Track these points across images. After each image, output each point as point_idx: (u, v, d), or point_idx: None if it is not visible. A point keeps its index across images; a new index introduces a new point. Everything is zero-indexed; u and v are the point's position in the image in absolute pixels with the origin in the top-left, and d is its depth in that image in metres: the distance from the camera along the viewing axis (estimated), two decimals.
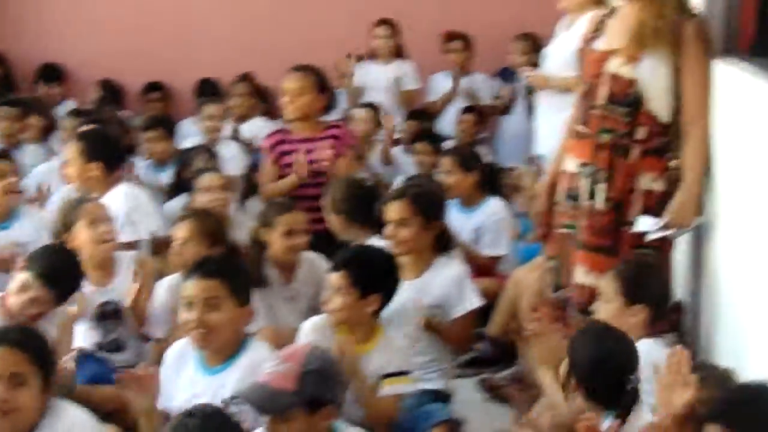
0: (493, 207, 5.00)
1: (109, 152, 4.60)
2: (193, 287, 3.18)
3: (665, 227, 3.54)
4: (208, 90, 6.92)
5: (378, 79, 6.72)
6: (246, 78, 6.74)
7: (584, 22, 5.08)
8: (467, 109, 6.76)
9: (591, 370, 2.77)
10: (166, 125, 5.91)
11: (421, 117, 6.60)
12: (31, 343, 2.75)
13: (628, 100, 3.62)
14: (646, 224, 3.57)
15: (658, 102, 3.61)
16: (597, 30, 3.82)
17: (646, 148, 3.63)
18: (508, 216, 5.04)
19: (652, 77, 3.59)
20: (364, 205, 4.21)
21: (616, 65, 3.65)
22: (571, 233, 3.78)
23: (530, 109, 7.01)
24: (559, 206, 3.85)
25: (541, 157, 5.32)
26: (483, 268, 4.74)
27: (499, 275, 4.82)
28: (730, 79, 3.44)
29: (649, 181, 3.64)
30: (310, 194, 4.65)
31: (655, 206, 3.63)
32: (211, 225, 4.01)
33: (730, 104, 3.44)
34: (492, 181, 5.21)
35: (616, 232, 3.66)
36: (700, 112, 3.57)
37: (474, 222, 4.94)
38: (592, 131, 3.70)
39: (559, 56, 5.20)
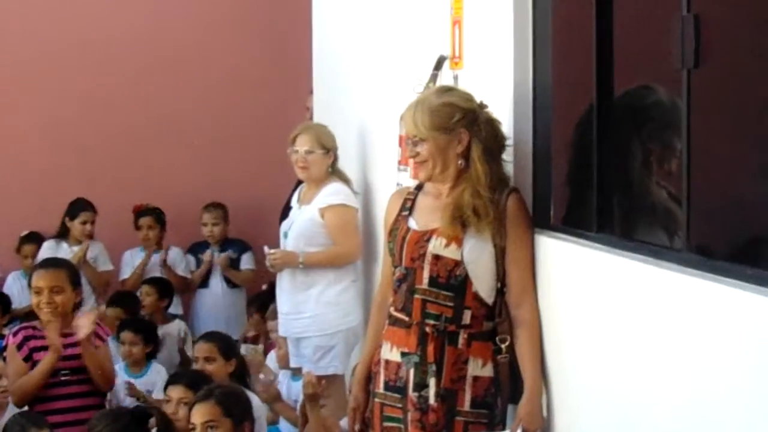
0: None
1: None
2: None
3: None
4: None
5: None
6: None
7: (334, 192, 5.11)
8: (150, 281, 6.51)
9: None
10: None
11: (124, 302, 6.21)
12: None
13: (453, 282, 3.42)
14: None
15: (484, 282, 3.43)
16: (405, 209, 3.61)
17: (472, 333, 3.43)
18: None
19: (477, 257, 3.41)
20: None
21: (437, 246, 3.43)
22: (398, 427, 3.47)
23: (228, 282, 6.93)
24: (379, 398, 3.54)
25: (285, 338, 5.17)
26: None
27: None
28: (550, 253, 3.36)
29: (478, 368, 3.42)
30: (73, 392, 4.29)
31: (483, 394, 3.42)
32: None
33: (553, 279, 3.35)
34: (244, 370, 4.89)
35: (449, 424, 3.40)
36: (527, 292, 3.42)
37: None
38: (416, 318, 3.44)
39: (301, 230, 5.10)
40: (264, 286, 6.57)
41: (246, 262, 7.02)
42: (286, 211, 5.71)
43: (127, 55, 7.21)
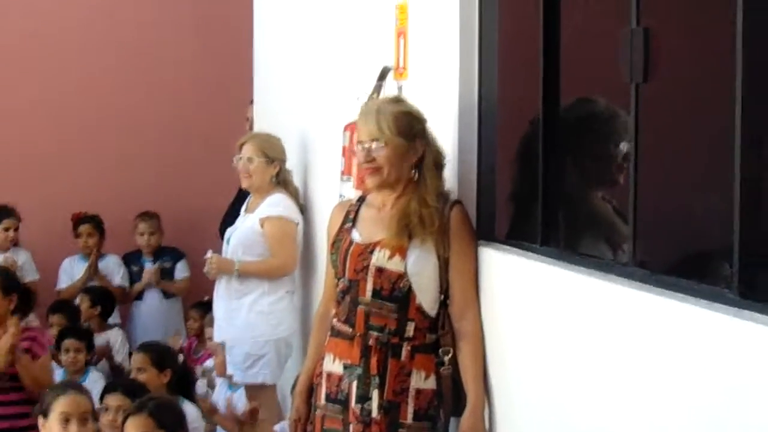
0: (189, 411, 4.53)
1: None
2: None
3: None
4: None
5: None
6: None
7: (275, 203, 5.08)
8: (87, 290, 6.46)
9: None
10: None
11: (65, 310, 6.14)
12: None
13: (397, 294, 3.37)
14: None
15: (427, 295, 3.39)
16: (348, 220, 3.57)
17: (415, 345, 3.39)
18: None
19: (421, 269, 3.37)
20: None
21: (381, 259, 3.38)
22: None
23: (163, 292, 6.86)
24: (320, 410, 3.50)
25: (222, 345, 5.13)
26: None
27: None
28: (494, 265, 3.34)
29: (421, 380, 3.38)
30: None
31: (426, 406, 3.38)
32: None
33: (497, 291, 3.33)
34: (185, 380, 4.82)
35: None
36: (470, 304, 3.39)
37: None
38: (359, 330, 3.40)
39: (241, 238, 5.09)
40: (206, 298, 6.52)
41: (181, 270, 6.95)
42: (227, 217, 5.68)
43: (59, 59, 7.09)
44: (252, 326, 5.04)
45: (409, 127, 3.41)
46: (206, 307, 6.25)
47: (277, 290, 5.09)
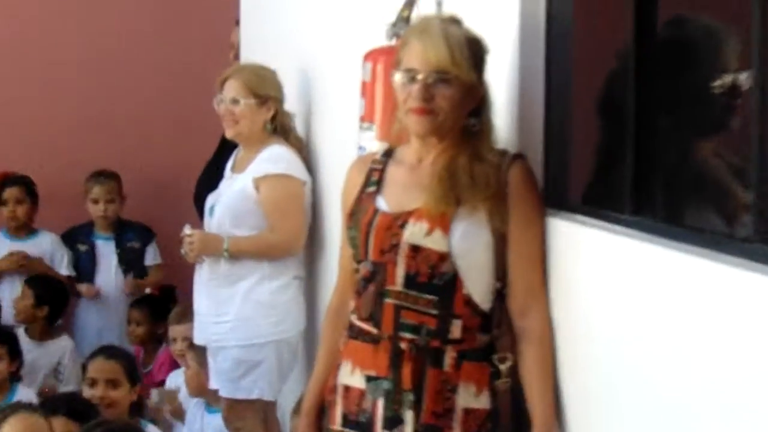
0: None
1: None
2: None
3: None
4: None
5: None
6: None
7: (273, 157, 5.12)
8: (32, 280, 6.62)
9: None
10: None
11: None
12: None
13: (438, 282, 3.42)
14: None
15: (478, 283, 3.45)
16: (370, 183, 3.61)
17: (462, 351, 3.45)
18: None
19: (471, 247, 3.42)
20: None
21: (416, 234, 3.43)
22: None
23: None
24: None
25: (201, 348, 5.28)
26: None
27: None
28: (568, 242, 3.38)
29: (470, 397, 3.44)
30: None
31: (477, 431, 3.45)
32: None
33: (572, 277, 3.37)
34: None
35: None
36: (536, 294, 3.44)
37: None
38: (387, 331, 3.45)
39: (229, 205, 5.16)
40: (148, 290, 6.60)
41: (152, 256, 7.01)
42: (205, 179, 5.71)
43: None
44: (247, 323, 5.09)
45: (479, 59, 3.46)
46: (153, 305, 6.34)
47: (281, 275, 5.14)
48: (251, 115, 5.19)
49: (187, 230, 5.12)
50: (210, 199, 5.28)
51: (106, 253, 7.04)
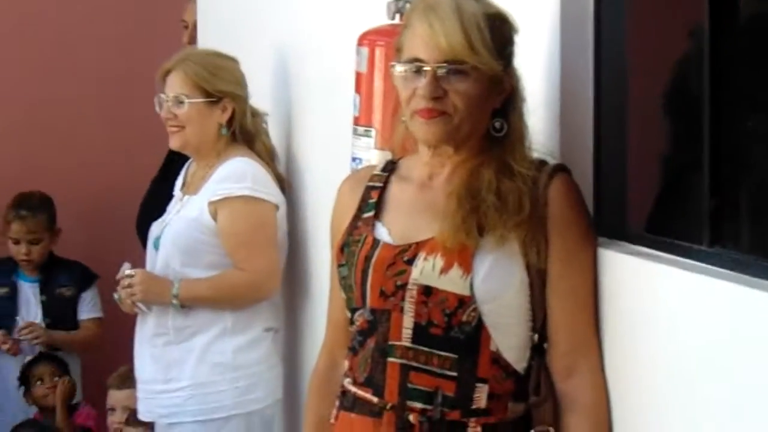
0: None
1: None
2: None
3: None
4: None
5: None
6: None
7: (234, 174, 5.16)
8: None
9: None
10: None
11: None
12: None
13: (457, 335, 3.46)
14: None
15: (510, 335, 3.50)
16: (368, 206, 3.66)
17: (490, 424, 3.49)
18: None
19: (500, 289, 3.46)
20: None
21: (428, 272, 3.47)
22: None
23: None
24: None
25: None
26: None
27: None
28: (627, 280, 3.41)
29: None
30: None
31: None
32: None
33: (635, 325, 3.40)
34: None
35: None
36: (585, 349, 3.49)
37: None
38: (391, 399, 3.49)
39: (177, 236, 5.26)
40: (41, 350, 6.65)
41: (88, 307, 7.05)
42: (149, 205, 5.75)
43: None
44: (204, 390, 5.13)
45: (505, 42, 3.50)
46: (56, 362, 6.40)
47: (249, 327, 5.18)
48: (200, 118, 5.19)
49: (127, 270, 5.13)
50: (154, 229, 5.29)
51: (30, 298, 7.10)
